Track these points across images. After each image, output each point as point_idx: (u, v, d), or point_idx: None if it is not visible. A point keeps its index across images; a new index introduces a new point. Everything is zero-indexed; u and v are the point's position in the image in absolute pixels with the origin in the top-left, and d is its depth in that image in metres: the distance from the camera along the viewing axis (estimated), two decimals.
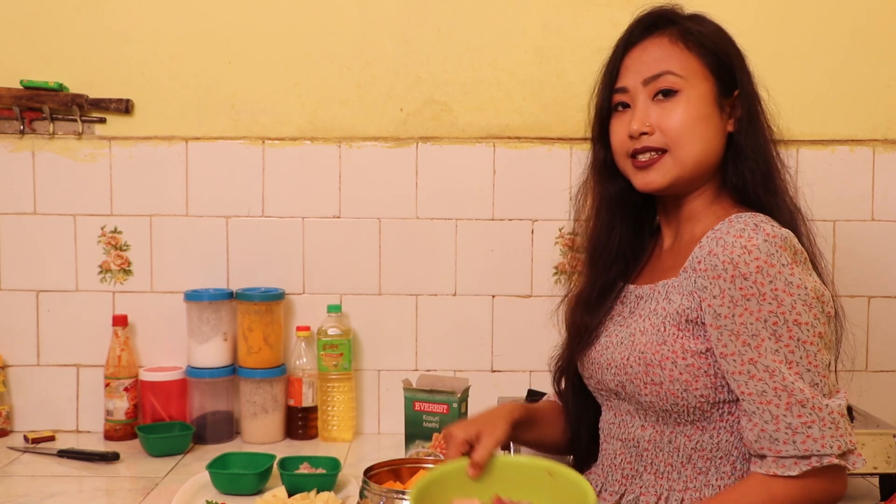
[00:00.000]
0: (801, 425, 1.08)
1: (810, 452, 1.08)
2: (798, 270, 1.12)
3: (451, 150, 2.02)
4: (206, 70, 2.02)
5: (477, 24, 2.01)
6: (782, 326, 1.10)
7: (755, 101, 1.24)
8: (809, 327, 1.11)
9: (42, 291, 2.03)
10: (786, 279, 1.10)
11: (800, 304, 1.11)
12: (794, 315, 1.10)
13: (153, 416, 1.95)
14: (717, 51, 1.23)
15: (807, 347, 1.10)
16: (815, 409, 1.08)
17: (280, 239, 2.03)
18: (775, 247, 1.11)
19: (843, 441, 1.09)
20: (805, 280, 1.12)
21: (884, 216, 2.04)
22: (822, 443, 1.08)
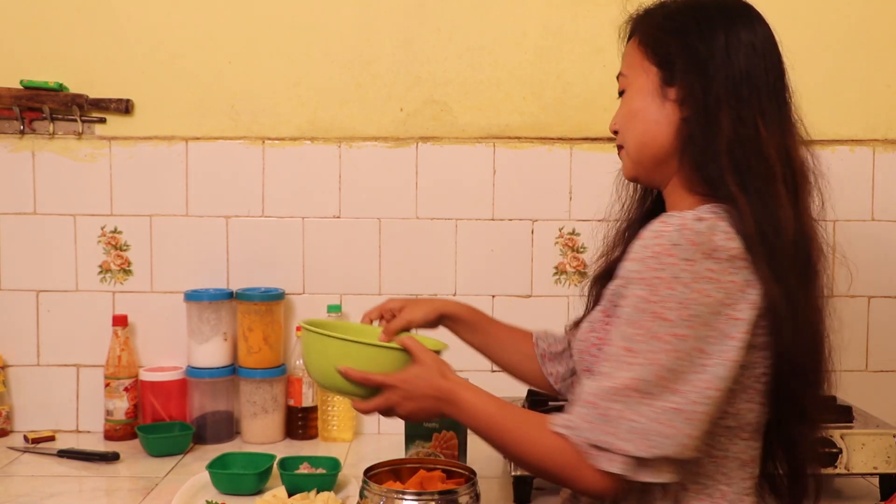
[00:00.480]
0: (589, 404, 1.05)
1: (574, 426, 1.06)
2: (699, 268, 1.04)
3: (451, 150, 2.02)
4: (206, 70, 2.02)
5: (477, 24, 2.01)
6: (643, 314, 1.05)
7: (699, 81, 1.14)
8: (671, 325, 1.03)
9: (42, 291, 2.03)
10: (674, 273, 1.04)
11: (674, 301, 1.04)
12: (661, 308, 1.04)
13: (153, 416, 1.95)
14: (660, 37, 1.19)
15: (656, 343, 1.04)
16: (609, 399, 1.04)
17: (280, 239, 2.03)
18: (683, 238, 1.05)
19: (599, 438, 1.04)
20: (701, 280, 1.04)
21: (884, 216, 2.04)
22: (587, 426, 1.05)
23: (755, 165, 1.12)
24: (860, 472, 1.60)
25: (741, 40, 1.16)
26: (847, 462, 1.58)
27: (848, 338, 2.05)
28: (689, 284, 1.04)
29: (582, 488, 1.08)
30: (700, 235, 1.05)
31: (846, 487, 1.69)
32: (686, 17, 1.18)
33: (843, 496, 1.66)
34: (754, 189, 1.11)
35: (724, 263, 1.06)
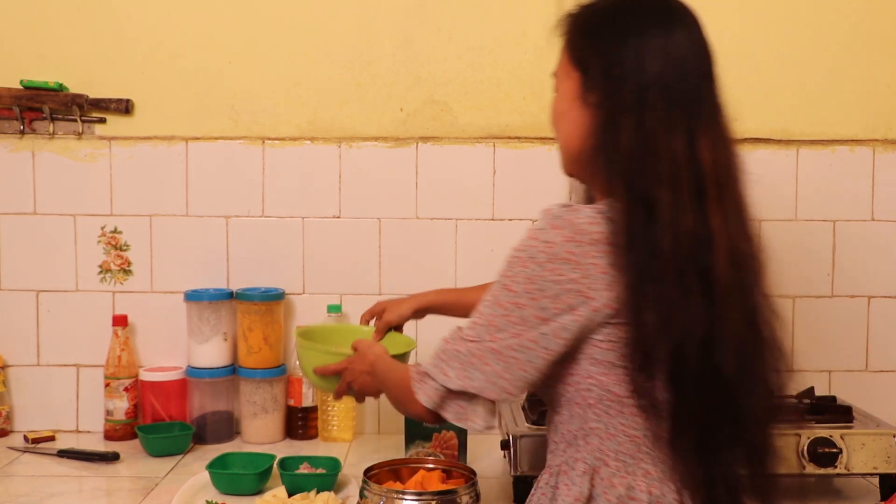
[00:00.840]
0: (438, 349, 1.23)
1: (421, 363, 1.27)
2: (556, 251, 1.12)
3: (451, 150, 2.02)
4: (206, 70, 2.02)
5: (477, 24, 2.01)
6: (497, 286, 1.18)
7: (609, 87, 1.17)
8: (514, 296, 1.15)
9: (42, 291, 2.03)
10: (531, 253, 1.14)
11: (524, 276, 1.15)
12: (509, 280, 1.16)
13: (153, 416, 1.95)
14: (580, 43, 1.22)
15: (496, 308, 1.17)
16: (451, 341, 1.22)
17: (280, 239, 2.03)
18: (546, 222, 1.15)
19: (431, 367, 1.22)
20: (553, 263, 1.12)
21: (884, 216, 2.04)
22: (429, 362, 1.24)
23: (653, 172, 1.13)
24: (860, 472, 1.60)
25: (655, 46, 1.16)
26: (847, 462, 1.58)
27: (848, 338, 2.08)
28: (542, 264, 1.13)
29: (412, 413, 1.28)
30: (558, 219, 1.14)
31: (846, 487, 1.69)
32: (602, 23, 1.21)
33: (843, 496, 1.66)
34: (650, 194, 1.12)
35: (586, 247, 1.12)
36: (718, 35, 2.01)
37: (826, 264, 2.04)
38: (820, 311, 2.04)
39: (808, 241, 2.03)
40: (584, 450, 1.19)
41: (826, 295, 2.05)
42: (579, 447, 1.20)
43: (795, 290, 2.04)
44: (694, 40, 1.20)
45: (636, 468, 1.17)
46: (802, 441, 1.58)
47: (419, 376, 1.24)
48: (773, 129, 2.03)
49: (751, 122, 2.03)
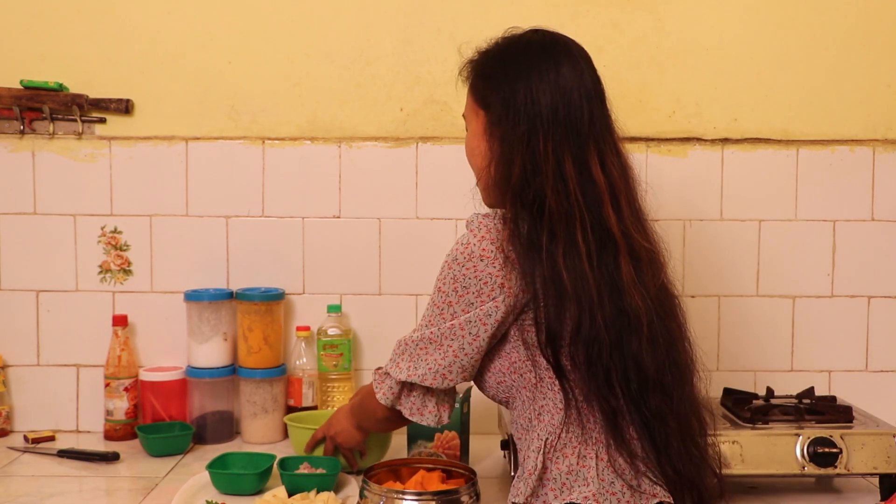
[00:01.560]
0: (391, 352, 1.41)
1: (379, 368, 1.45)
2: (473, 251, 1.28)
3: (451, 150, 2.02)
4: (206, 70, 2.02)
5: (477, 24, 2.01)
6: (434, 288, 1.34)
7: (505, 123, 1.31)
8: (444, 295, 1.32)
9: (42, 291, 2.03)
10: (454, 256, 1.30)
11: (450, 277, 1.31)
12: (440, 283, 1.33)
13: (153, 416, 1.95)
14: (480, 85, 1.37)
15: (432, 308, 1.34)
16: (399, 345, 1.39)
17: (280, 239, 2.03)
18: (466, 228, 1.31)
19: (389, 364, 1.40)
20: (472, 262, 1.28)
21: (884, 216, 2.04)
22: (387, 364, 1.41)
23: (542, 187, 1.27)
24: (860, 472, 1.60)
25: (545, 80, 1.30)
26: (847, 462, 1.58)
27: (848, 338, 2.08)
28: (463, 264, 1.29)
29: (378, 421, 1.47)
30: (473, 224, 1.30)
31: (846, 487, 1.69)
32: (498, 65, 1.35)
33: (843, 496, 1.66)
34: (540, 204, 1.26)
35: (503, 243, 1.27)
36: (718, 35, 2.03)
37: (826, 264, 2.04)
38: (820, 311, 2.04)
39: (807, 241, 2.03)
40: (538, 428, 1.28)
41: (826, 295, 2.05)
42: (534, 427, 1.29)
43: (795, 290, 2.05)
44: (580, 70, 1.32)
45: (587, 437, 1.26)
46: (802, 441, 1.59)
47: (379, 377, 1.42)
48: (773, 129, 2.03)
49: (751, 122, 2.03)
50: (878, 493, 1.64)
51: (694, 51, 2.02)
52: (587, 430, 1.26)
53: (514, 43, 1.38)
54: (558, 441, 1.26)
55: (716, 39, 2.01)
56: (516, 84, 1.30)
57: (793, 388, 1.85)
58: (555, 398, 1.27)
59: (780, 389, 1.84)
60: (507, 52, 1.36)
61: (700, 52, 2.01)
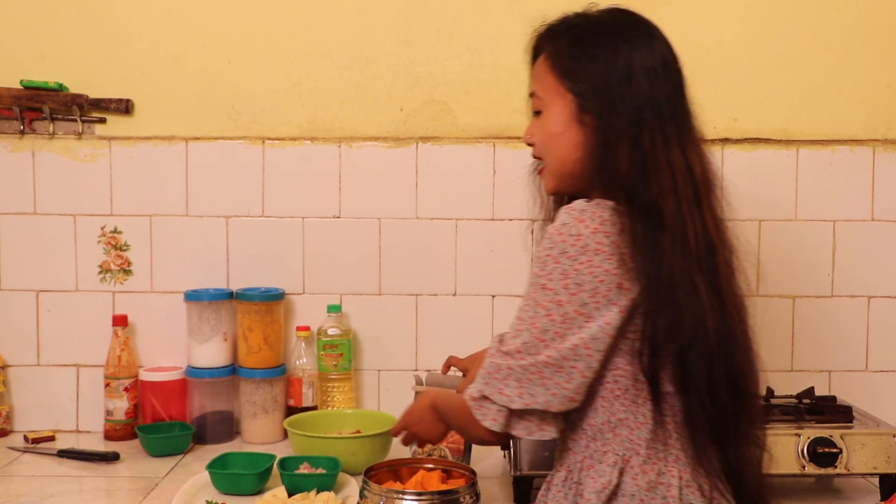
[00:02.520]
0: (485, 367, 1.22)
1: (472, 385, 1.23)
2: (584, 244, 1.14)
3: (451, 150, 2.02)
4: (206, 70, 2.02)
5: (477, 24, 2.01)
6: (533, 287, 1.18)
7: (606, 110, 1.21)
8: (552, 294, 1.16)
9: (42, 291, 2.03)
10: (563, 248, 1.15)
11: (558, 272, 1.15)
12: (545, 280, 1.16)
13: (153, 416, 1.95)
14: (571, 66, 1.25)
15: (537, 309, 1.17)
16: (499, 358, 1.19)
17: (280, 239, 2.03)
18: (571, 218, 1.16)
19: (487, 388, 1.20)
20: (586, 255, 1.14)
21: (884, 216, 2.04)
22: (480, 383, 1.21)
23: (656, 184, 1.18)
24: (860, 472, 1.60)
25: (643, 64, 1.21)
26: (847, 462, 1.58)
27: (848, 338, 2.08)
28: (574, 257, 1.15)
29: (479, 440, 1.26)
30: (584, 212, 1.16)
31: (846, 487, 1.69)
32: (593, 44, 1.24)
33: (843, 496, 1.66)
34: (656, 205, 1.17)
35: (615, 236, 1.15)
36: (718, 35, 2.03)
37: (826, 264, 2.04)
38: (820, 311, 2.04)
39: (808, 241, 2.03)
40: (612, 441, 1.20)
41: (826, 295, 2.05)
42: (607, 440, 1.20)
43: (795, 290, 2.04)
44: (668, 51, 1.25)
45: (667, 454, 1.19)
46: (802, 441, 1.58)
47: (477, 402, 1.22)
48: (773, 129, 2.03)
49: (751, 122, 2.03)
50: (878, 493, 1.63)
51: (694, 51, 2.00)
52: (669, 445, 1.19)
53: (604, 20, 1.27)
54: (637, 456, 1.18)
55: (716, 39, 2.01)
56: (616, 66, 1.21)
57: (793, 388, 1.85)
58: (637, 411, 1.19)
59: (780, 389, 1.84)
60: (600, 30, 1.25)
61: (700, 52, 2.01)
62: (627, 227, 1.15)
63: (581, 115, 1.23)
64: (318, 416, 1.90)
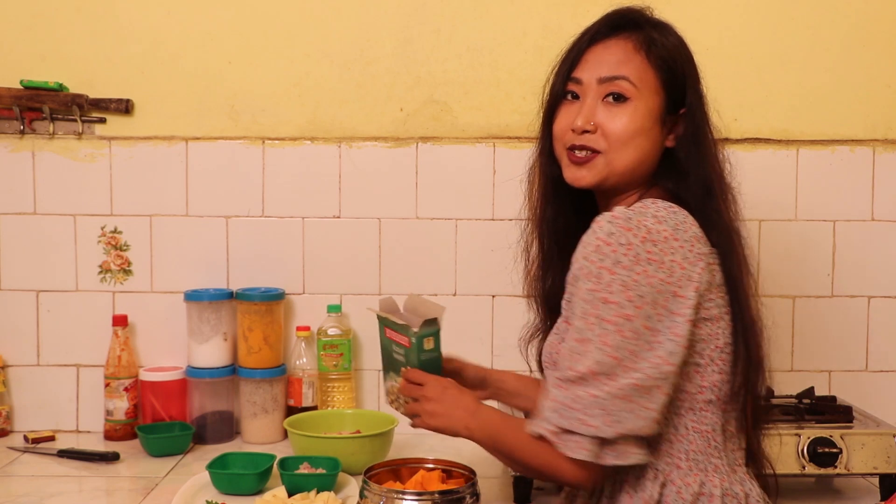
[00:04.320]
0: (556, 395, 1.13)
1: (545, 418, 1.14)
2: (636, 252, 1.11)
3: (451, 150, 2.02)
4: (206, 70, 2.02)
5: (477, 24, 2.01)
6: (591, 303, 1.12)
7: (703, 122, 1.25)
8: (617, 307, 1.10)
9: (42, 291, 2.03)
10: (615, 259, 1.11)
11: (617, 284, 1.10)
12: (606, 293, 1.11)
13: (153, 416, 1.95)
14: (674, 67, 1.25)
15: (605, 326, 1.11)
16: (573, 386, 1.12)
17: (280, 239, 2.03)
18: (616, 226, 1.12)
19: (567, 421, 1.11)
20: (642, 263, 1.11)
21: (884, 216, 2.04)
22: (556, 416, 1.13)
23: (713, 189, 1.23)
24: (860, 472, 1.60)
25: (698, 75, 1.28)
26: (847, 462, 1.58)
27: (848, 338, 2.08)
28: (630, 267, 1.10)
29: (564, 480, 1.16)
30: (630, 221, 1.13)
31: (846, 487, 1.69)
32: (687, 48, 1.28)
33: (843, 496, 1.66)
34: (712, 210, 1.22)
35: (662, 244, 1.12)
36: (718, 35, 2.03)
37: (826, 264, 2.04)
38: (820, 311, 2.04)
39: (808, 241, 2.03)
40: (651, 455, 1.17)
41: (826, 295, 2.05)
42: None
43: (795, 290, 2.04)
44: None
45: (707, 464, 1.19)
46: (802, 441, 1.58)
47: (557, 436, 1.13)
48: (773, 129, 2.03)
49: (751, 122, 2.03)
50: (878, 493, 1.63)
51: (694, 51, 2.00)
52: (709, 455, 1.19)
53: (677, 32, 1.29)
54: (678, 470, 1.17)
55: (716, 39, 2.01)
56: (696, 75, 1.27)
57: (793, 388, 1.85)
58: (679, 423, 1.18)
59: (780, 389, 1.84)
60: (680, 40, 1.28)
61: (700, 52, 1.99)
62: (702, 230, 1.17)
63: (665, 116, 1.24)
64: (318, 416, 1.90)
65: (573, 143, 1.25)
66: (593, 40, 1.26)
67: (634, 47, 1.24)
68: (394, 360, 1.42)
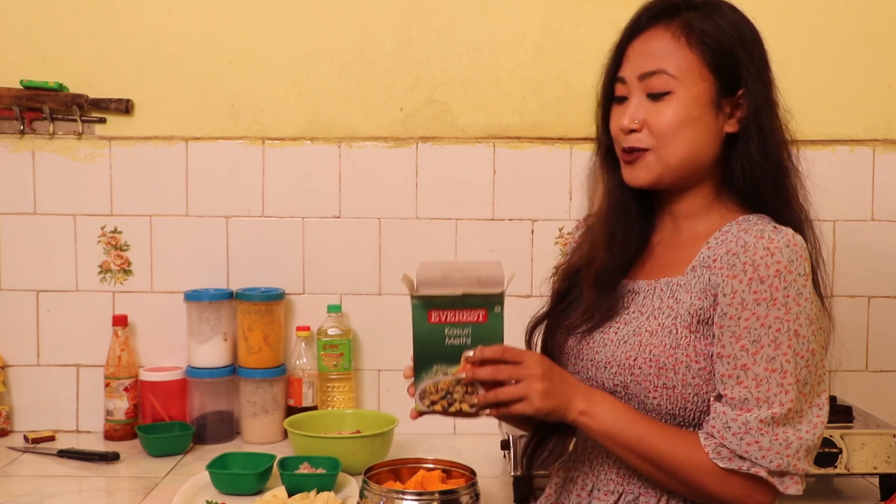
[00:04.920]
0: (757, 430, 1.10)
1: (747, 456, 1.11)
2: (810, 283, 1.13)
3: (451, 150, 2.02)
4: (206, 70, 2.02)
5: (477, 24, 2.01)
6: (784, 334, 1.11)
7: (765, 101, 1.21)
8: (806, 341, 1.12)
9: (42, 291, 2.03)
10: (798, 289, 1.11)
11: (804, 316, 1.11)
12: (797, 325, 1.11)
13: (153, 416, 1.95)
14: (720, 48, 1.19)
15: (798, 361, 1.11)
16: (778, 425, 1.11)
17: (280, 239, 2.03)
18: (796, 254, 1.11)
19: (786, 461, 1.11)
20: (813, 294, 1.13)
21: (884, 216, 2.04)
22: (763, 453, 1.10)
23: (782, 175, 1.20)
24: (860, 472, 1.60)
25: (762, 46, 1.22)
26: (847, 462, 1.58)
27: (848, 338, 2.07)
28: (809, 300, 1.11)
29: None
30: (805, 250, 1.13)
31: (846, 487, 1.69)
32: (743, 26, 1.20)
33: (843, 496, 1.66)
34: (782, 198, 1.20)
35: (810, 277, 1.14)
36: None
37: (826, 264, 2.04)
38: None
39: None
40: None
41: (826, 295, 2.04)
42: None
43: None
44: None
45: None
46: None
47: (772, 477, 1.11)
48: None
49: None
50: (878, 493, 1.64)
51: None
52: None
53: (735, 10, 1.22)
54: None
55: None
56: (763, 54, 1.21)
57: None
58: None
59: None
60: (739, 10, 1.22)
61: None
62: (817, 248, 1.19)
63: (720, 101, 1.19)
64: (318, 416, 1.90)
65: (623, 145, 1.23)
66: (633, 34, 1.24)
67: (673, 35, 1.19)
68: (443, 350, 1.19)
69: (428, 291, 1.21)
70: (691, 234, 1.25)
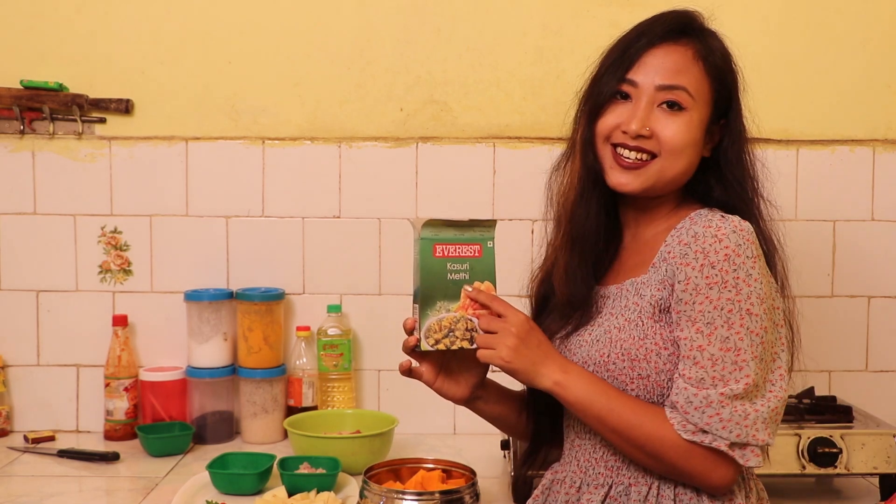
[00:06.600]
0: (718, 404, 1.13)
1: (709, 430, 1.14)
2: (759, 264, 1.18)
3: (451, 150, 2.02)
4: (206, 70, 2.02)
5: (477, 24, 2.01)
6: (736, 314, 1.15)
7: (742, 131, 1.29)
8: (759, 319, 1.15)
9: (42, 291, 2.03)
10: (747, 270, 1.15)
11: (755, 296, 1.15)
12: (748, 305, 1.15)
13: (153, 416, 1.95)
14: (724, 79, 1.27)
15: (753, 338, 1.15)
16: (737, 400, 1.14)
17: (280, 239, 2.03)
18: (743, 238, 1.16)
19: (745, 432, 1.14)
20: (762, 275, 1.18)
21: (884, 216, 2.04)
22: (724, 425, 1.13)
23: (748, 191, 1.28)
24: (860, 472, 1.60)
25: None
26: (847, 462, 1.58)
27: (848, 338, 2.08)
28: (759, 280, 1.16)
29: (709, 485, 1.17)
30: (752, 234, 1.18)
31: (846, 487, 1.69)
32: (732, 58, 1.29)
33: (843, 496, 1.66)
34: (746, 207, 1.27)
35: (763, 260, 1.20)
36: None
37: (826, 264, 2.04)
38: (820, 311, 2.04)
39: (808, 241, 2.03)
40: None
41: (826, 295, 2.05)
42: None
43: (795, 290, 2.03)
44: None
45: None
46: (802, 441, 1.59)
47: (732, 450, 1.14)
48: (773, 129, 2.03)
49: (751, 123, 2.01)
50: (878, 493, 1.64)
51: None
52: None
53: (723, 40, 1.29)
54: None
55: None
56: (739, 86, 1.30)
57: (793, 388, 1.85)
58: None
59: None
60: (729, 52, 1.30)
61: None
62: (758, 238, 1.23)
63: (711, 126, 1.26)
64: (318, 416, 1.90)
65: (625, 143, 1.24)
66: (651, 43, 1.24)
67: (694, 56, 1.24)
68: (446, 285, 1.27)
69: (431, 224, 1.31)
70: (651, 236, 1.30)
